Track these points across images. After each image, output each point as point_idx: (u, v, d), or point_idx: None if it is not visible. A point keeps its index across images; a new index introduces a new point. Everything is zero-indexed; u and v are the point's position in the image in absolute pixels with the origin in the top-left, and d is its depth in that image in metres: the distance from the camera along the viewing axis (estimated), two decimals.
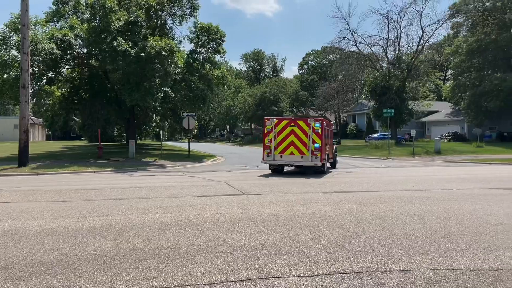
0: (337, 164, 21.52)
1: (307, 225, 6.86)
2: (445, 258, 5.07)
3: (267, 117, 18.01)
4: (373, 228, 6.68)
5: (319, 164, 16.45)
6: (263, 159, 17.43)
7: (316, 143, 16.39)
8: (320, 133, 16.50)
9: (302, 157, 16.57)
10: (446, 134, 46.19)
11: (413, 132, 31.83)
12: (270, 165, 17.45)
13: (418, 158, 28.46)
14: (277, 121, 17.21)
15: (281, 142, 16.77)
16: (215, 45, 30.82)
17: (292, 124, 16.84)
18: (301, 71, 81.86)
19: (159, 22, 30.68)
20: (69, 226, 6.77)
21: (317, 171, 16.92)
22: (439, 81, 67.48)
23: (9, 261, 4.90)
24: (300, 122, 16.84)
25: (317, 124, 16.58)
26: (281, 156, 16.78)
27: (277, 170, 17.59)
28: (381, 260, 4.97)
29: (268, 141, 17.02)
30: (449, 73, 67.53)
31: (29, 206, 8.86)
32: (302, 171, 17.69)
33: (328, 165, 18.97)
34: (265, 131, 17.32)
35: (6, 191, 11.61)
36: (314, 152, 16.35)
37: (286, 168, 18.46)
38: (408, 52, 42.91)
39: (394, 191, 11.43)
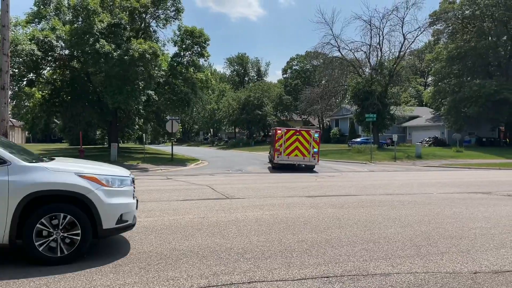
0: (320, 168, 23.10)
1: (290, 229, 6.88)
2: (425, 261, 5.15)
3: (279, 128, 22.64)
4: (355, 232, 6.75)
5: (316, 163, 21.87)
6: (273, 159, 21.92)
7: (315, 148, 21.41)
8: (318, 141, 21.63)
9: (304, 158, 21.38)
10: (427, 139, 46.99)
11: (395, 137, 32.29)
12: (278, 163, 21.71)
13: (399, 163, 28.86)
14: (286, 130, 21.89)
15: (289, 147, 21.26)
16: (199, 49, 30.77)
17: (297, 133, 21.62)
18: (285, 76, 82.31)
19: (142, 25, 30.47)
20: None
21: (311, 168, 22.22)
22: (420, 87, 68.74)
23: None
24: (303, 132, 21.86)
25: (316, 135, 21.82)
26: (288, 157, 21.34)
27: (282, 168, 22.00)
28: (363, 263, 5.02)
29: (279, 146, 21.32)
30: (429, 79, 68.85)
31: None
32: (295, 168, 22.22)
33: None
34: (276, 138, 21.48)
35: None
36: (313, 155, 21.40)
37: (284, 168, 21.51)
38: (390, 58, 43.64)
39: (376, 195, 11.56)
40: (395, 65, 41.46)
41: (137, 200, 5.80)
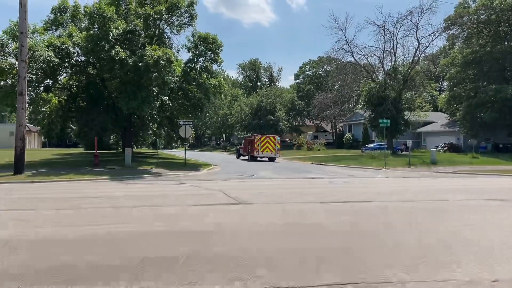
0: (333, 174, 23.23)
1: (304, 236, 6.85)
2: (443, 269, 5.08)
3: (256, 135, 37.69)
4: (369, 238, 6.69)
5: (278, 156, 36.64)
6: (253, 153, 35.88)
7: (278, 147, 36.22)
8: (280, 142, 36.78)
9: (271, 153, 35.78)
10: (442, 145, 46.37)
11: (409, 143, 31.93)
12: (256, 156, 35.84)
13: (414, 169, 28.52)
14: (261, 136, 36.69)
15: (263, 145, 35.67)
16: (212, 55, 30.93)
17: (267, 138, 36.35)
18: (297, 81, 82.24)
19: (157, 31, 30.76)
20: (66, 235, 6.73)
21: (274, 160, 36.04)
22: (435, 92, 67.96)
23: (5, 270, 4.86)
24: (271, 137, 36.47)
25: (278, 138, 36.82)
26: (262, 153, 35.67)
27: (256, 160, 36.05)
28: (379, 271, 4.97)
29: (257, 146, 35.64)
30: (444, 84, 68.04)
31: (25, 214, 8.81)
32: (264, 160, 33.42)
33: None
34: (255, 141, 35.95)
35: (2, 199, 11.53)
36: (277, 151, 36.21)
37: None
38: (404, 63, 43.28)
39: (391, 201, 11.44)
40: (409, 70, 41.10)
41: None
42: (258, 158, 36.21)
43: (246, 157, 38.52)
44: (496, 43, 41.51)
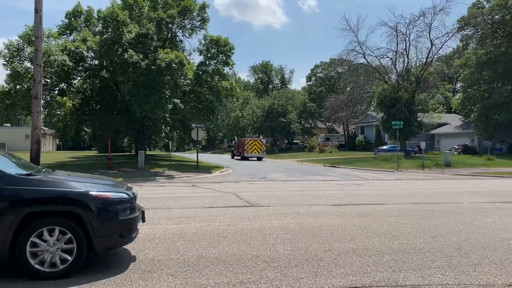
0: (346, 176, 22.88)
1: (316, 238, 6.83)
2: (457, 273, 5.02)
3: (246, 138, 46.70)
4: (383, 241, 6.63)
5: (264, 156, 43.53)
6: (244, 154, 42.61)
7: (263, 148, 43.36)
8: (265, 144, 44.13)
9: (258, 153, 42.58)
10: (456, 147, 45.77)
11: (423, 145, 31.59)
12: (246, 156, 42.56)
13: (427, 171, 28.21)
14: (250, 139, 44.74)
15: (252, 147, 42.56)
16: (224, 57, 31.04)
17: (255, 141, 44.09)
18: (309, 83, 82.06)
19: (169, 35, 31.00)
20: None
21: (262, 159, 42.76)
22: (449, 94, 67.05)
23: None
24: (258, 141, 44.24)
25: (264, 141, 44.38)
26: (251, 153, 42.43)
27: (247, 159, 42.44)
28: (391, 274, 4.93)
29: (247, 147, 42.57)
30: (458, 85, 67.21)
31: None
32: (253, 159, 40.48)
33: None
34: (245, 143, 43.20)
35: None
36: (263, 152, 43.28)
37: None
38: (417, 64, 42.86)
39: (404, 204, 11.33)
40: (422, 72, 40.69)
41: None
42: (249, 158, 43.15)
43: (239, 157, 44.96)
44: (511, 44, 40.86)
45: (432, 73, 42.64)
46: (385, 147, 45.76)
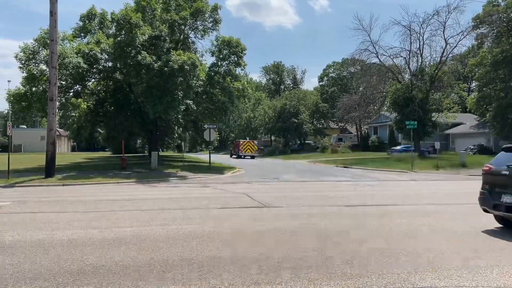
0: (358, 177, 22.77)
1: (330, 239, 6.79)
2: (474, 274, 4.94)
3: (241, 140, 57.73)
4: (398, 243, 6.57)
5: (256, 155, 50.75)
6: (240, 152, 49.60)
7: (255, 148, 51.17)
8: (257, 145, 53.35)
9: (251, 153, 49.86)
10: (472, 147, 45.09)
11: (437, 145, 31.22)
12: (241, 155, 49.00)
13: (442, 171, 27.85)
14: (244, 141, 53.70)
15: (245, 147, 49.93)
16: (236, 58, 31.09)
17: (248, 142, 51.86)
18: (321, 83, 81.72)
19: (181, 36, 31.17)
20: (95, 237, 6.90)
21: (254, 158, 48.96)
22: (464, 93, 66.11)
23: (37, 271, 5.02)
24: (251, 142, 52.52)
25: (256, 143, 54.28)
26: (245, 152, 49.66)
27: (242, 158, 47.63)
28: (407, 276, 4.88)
29: (242, 148, 49.88)
30: (473, 84, 66.18)
31: (56, 217, 9.07)
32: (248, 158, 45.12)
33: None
34: (240, 144, 51.03)
35: (34, 202, 11.92)
36: (255, 151, 50.94)
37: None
38: (431, 63, 42.33)
39: (419, 205, 11.21)
40: (436, 71, 40.18)
41: None
42: (242, 156, 49.91)
43: (235, 156, 51.82)
44: None
45: (447, 72, 42.07)
46: (398, 147, 45.31)
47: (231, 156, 55.42)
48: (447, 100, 44.62)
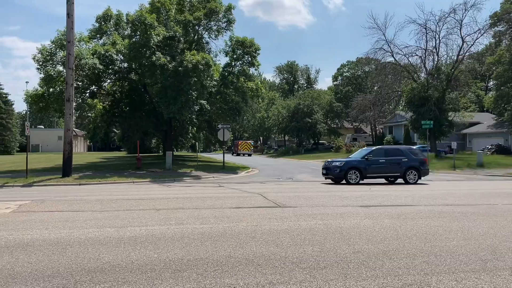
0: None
1: (345, 240, 6.75)
2: (492, 276, 4.85)
3: (240, 140, 72.96)
4: (414, 244, 6.49)
5: (252, 153, 64.62)
6: (237, 151, 62.76)
7: (252, 147, 65.92)
8: (253, 145, 69.10)
9: (248, 151, 63.06)
10: (489, 147, 44.32)
11: (454, 145, 30.76)
12: (239, 153, 61.55)
13: (459, 172, 27.45)
14: (241, 141, 67.44)
15: (243, 147, 63.69)
16: (249, 58, 31.17)
17: (245, 143, 65.47)
18: (335, 83, 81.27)
19: (195, 37, 31.37)
20: (111, 236, 6.98)
21: (250, 155, 61.90)
22: (481, 92, 65.12)
23: (55, 269, 5.10)
24: (247, 142, 67.01)
25: (252, 142, 70.80)
26: (242, 150, 62.71)
27: (240, 155, 60.57)
28: (424, 277, 4.82)
29: (240, 147, 63.30)
30: (491, 83, 65.08)
31: (73, 215, 9.21)
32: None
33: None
34: (239, 143, 64.94)
35: (51, 201, 12.13)
36: (251, 150, 65.10)
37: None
38: (448, 62, 41.74)
39: (435, 205, 11.06)
40: (453, 70, 39.60)
41: None
42: (242, 154, 60.95)
43: (235, 154, 61.92)
44: None
45: (464, 71, 41.46)
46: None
47: (232, 155, 63.51)
48: (464, 99, 44.00)
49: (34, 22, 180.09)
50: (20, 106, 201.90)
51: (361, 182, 19.02)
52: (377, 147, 22.61)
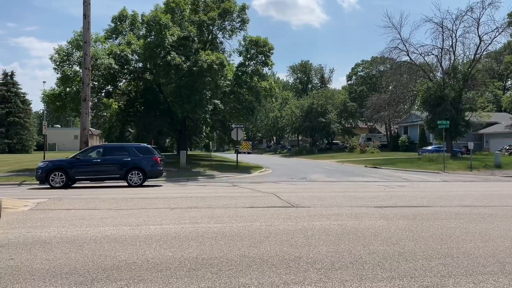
0: (388, 177, 21.95)
1: (360, 240, 6.70)
2: (511, 279, 4.76)
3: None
4: (430, 245, 6.41)
5: (251, 152, 64.97)
6: (241, 149, 48.71)
7: (250, 147, 64.75)
8: (251, 145, 66.13)
9: (247, 150, 62.14)
10: (507, 147, 43.50)
11: (471, 145, 30.28)
12: (242, 151, 52.08)
13: (476, 172, 27.01)
14: (243, 141, 56.34)
15: (243, 147, 55.85)
16: (263, 58, 31.19)
17: (245, 142, 60.78)
18: (349, 82, 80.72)
19: (210, 37, 31.51)
20: (126, 234, 7.05)
21: (250, 153, 63.62)
22: (499, 91, 63.94)
23: (73, 266, 5.18)
24: (247, 142, 64.29)
25: (250, 143, 67.13)
26: (244, 149, 57.63)
27: (241, 153, 43.30)
28: (441, 279, 4.75)
29: (241, 147, 47.51)
30: (509, 82, 63.92)
31: (89, 214, 9.33)
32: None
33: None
34: (243, 144, 55.76)
35: (68, 199, 12.31)
36: (250, 149, 64.08)
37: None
38: (465, 61, 41.10)
39: (452, 206, 10.90)
40: (470, 69, 38.97)
41: None
42: (242, 153, 60.23)
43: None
44: None
45: (481, 70, 40.77)
46: (429, 147, 44.23)
47: (235, 153, 70.13)
48: (481, 99, 43.27)
49: (50, 22, 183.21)
50: (37, 105, 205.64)
51: (73, 185, 17.07)
52: (96, 145, 19.91)
